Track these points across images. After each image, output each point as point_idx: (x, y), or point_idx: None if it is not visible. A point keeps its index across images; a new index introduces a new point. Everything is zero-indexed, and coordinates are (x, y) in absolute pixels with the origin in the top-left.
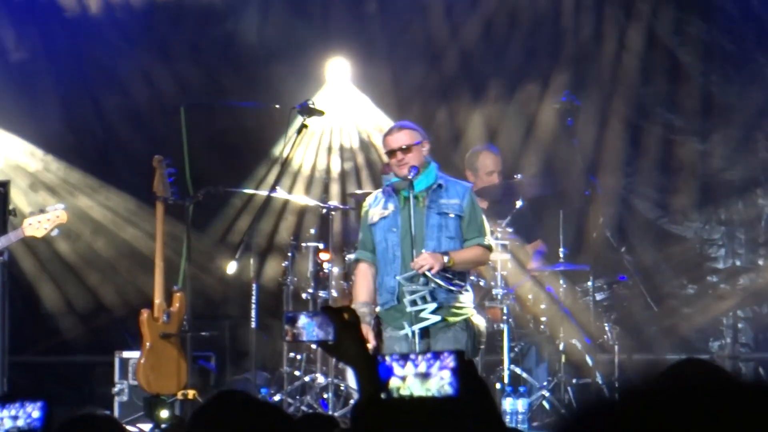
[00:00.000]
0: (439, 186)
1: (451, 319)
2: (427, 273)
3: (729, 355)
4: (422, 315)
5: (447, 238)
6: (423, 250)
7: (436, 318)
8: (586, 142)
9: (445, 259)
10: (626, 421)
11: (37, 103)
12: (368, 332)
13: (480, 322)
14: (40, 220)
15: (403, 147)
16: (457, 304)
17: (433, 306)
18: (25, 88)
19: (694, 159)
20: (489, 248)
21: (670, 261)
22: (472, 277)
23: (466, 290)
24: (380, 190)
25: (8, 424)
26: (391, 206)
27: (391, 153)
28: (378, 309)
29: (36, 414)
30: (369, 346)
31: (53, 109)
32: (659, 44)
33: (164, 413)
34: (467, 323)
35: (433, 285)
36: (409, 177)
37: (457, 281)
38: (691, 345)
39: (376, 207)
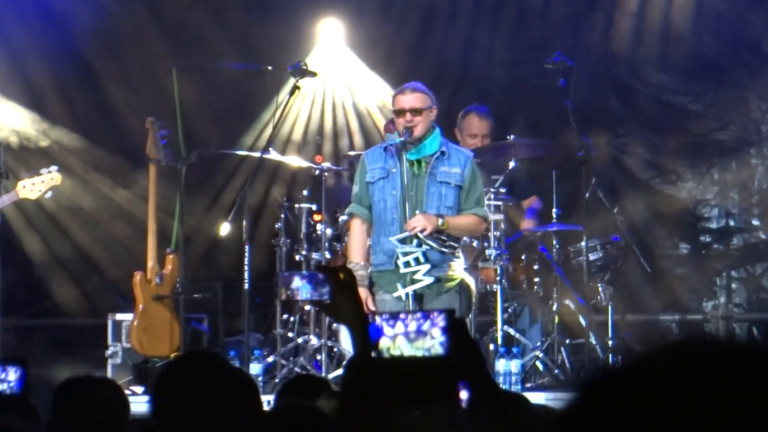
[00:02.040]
0: (442, 153)
1: (447, 284)
2: (420, 234)
3: (722, 315)
4: (416, 276)
5: (445, 207)
6: (417, 212)
7: (430, 279)
8: (579, 103)
9: (440, 221)
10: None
11: (27, 65)
12: (367, 296)
13: (471, 282)
14: (34, 182)
15: (414, 109)
16: (451, 269)
17: (426, 267)
18: (15, 51)
19: (686, 119)
20: (485, 219)
21: (663, 221)
22: (465, 239)
23: (458, 256)
24: (380, 145)
25: None
26: (392, 167)
27: (400, 112)
28: (371, 270)
29: (13, 377)
30: (369, 311)
31: (43, 71)
32: (651, 5)
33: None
34: (461, 285)
35: (426, 246)
36: (402, 138)
37: (450, 243)
38: (685, 305)
39: (375, 164)
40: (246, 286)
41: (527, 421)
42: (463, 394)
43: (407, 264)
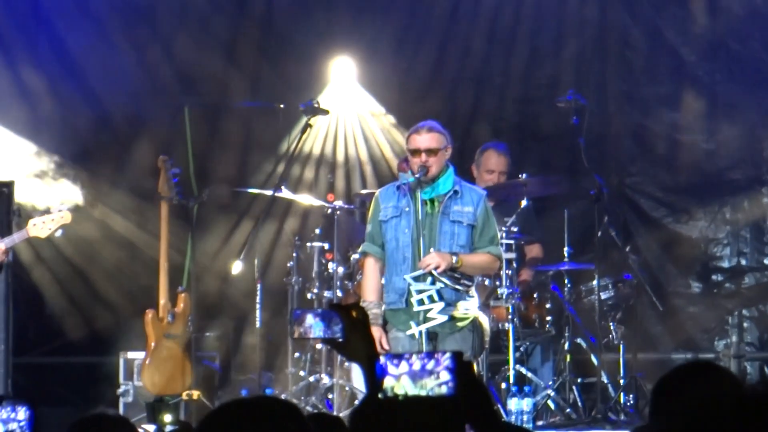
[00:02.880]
0: (455, 192)
1: (459, 324)
2: (434, 272)
3: (734, 354)
4: (429, 315)
5: (458, 246)
6: (432, 249)
7: (444, 317)
8: (591, 141)
9: (454, 259)
10: None
11: (41, 104)
12: (381, 335)
13: (485, 321)
14: (45, 220)
15: (430, 149)
16: (465, 307)
17: (440, 306)
18: (29, 89)
19: (699, 158)
20: (498, 258)
21: (675, 260)
22: (477, 277)
23: (472, 295)
24: (393, 184)
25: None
26: (405, 206)
27: (415, 152)
28: (384, 308)
29: (22, 417)
30: (382, 349)
31: (57, 109)
32: (664, 43)
33: (168, 417)
34: (473, 324)
35: (440, 284)
36: (417, 176)
37: (464, 281)
38: (697, 344)
39: (388, 203)
40: (258, 324)
41: None
42: None
43: (421, 302)
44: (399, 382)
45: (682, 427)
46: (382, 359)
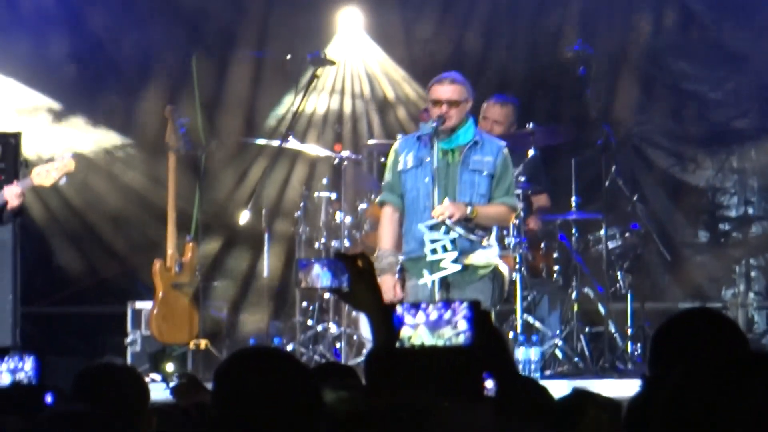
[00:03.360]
0: (475, 143)
1: (479, 272)
2: (447, 221)
3: (741, 303)
4: (442, 264)
5: (478, 195)
6: (446, 199)
7: (457, 267)
8: (599, 91)
9: (468, 209)
10: None
11: (48, 54)
12: (396, 284)
13: (505, 270)
14: (48, 168)
15: (451, 101)
16: (482, 256)
17: (453, 255)
18: (36, 38)
19: (706, 107)
20: (514, 209)
21: (683, 209)
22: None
23: (491, 244)
24: (413, 134)
25: (7, 378)
26: (425, 155)
27: (436, 102)
28: (402, 258)
29: (29, 367)
30: (396, 297)
31: (64, 60)
32: None
33: (170, 366)
34: (494, 272)
35: (454, 234)
36: (433, 125)
37: (478, 231)
38: (704, 293)
39: (408, 153)
40: (265, 273)
41: (551, 410)
42: (488, 384)
43: (434, 251)
44: (416, 332)
45: (681, 377)
46: (399, 309)
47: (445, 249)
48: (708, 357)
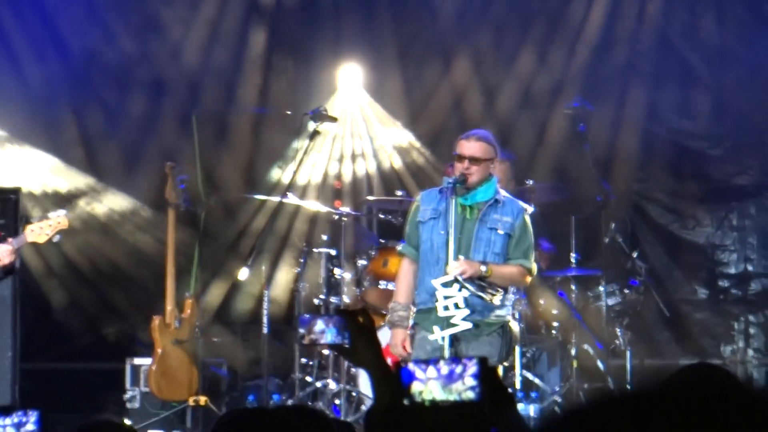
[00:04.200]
0: (496, 201)
1: (488, 327)
2: (459, 278)
3: (741, 360)
4: (453, 320)
5: (493, 254)
6: (461, 256)
7: (467, 325)
8: (599, 148)
9: (483, 268)
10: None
11: (49, 111)
12: (406, 338)
13: (515, 326)
14: (42, 226)
15: (474, 158)
16: (493, 315)
17: (465, 312)
18: (37, 96)
19: (706, 164)
20: (530, 272)
21: (682, 266)
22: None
23: (505, 304)
24: (436, 188)
25: None
26: (443, 209)
27: (460, 158)
28: (414, 309)
29: (32, 422)
30: (404, 352)
31: (64, 116)
32: (671, 49)
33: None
34: (504, 329)
35: (466, 292)
36: (452, 180)
37: (490, 290)
38: (704, 350)
39: (428, 205)
40: (265, 330)
41: None
42: None
43: (446, 308)
44: (427, 387)
45: None
46: (410, 364)
47: (456, 306)
48: (714, 412)
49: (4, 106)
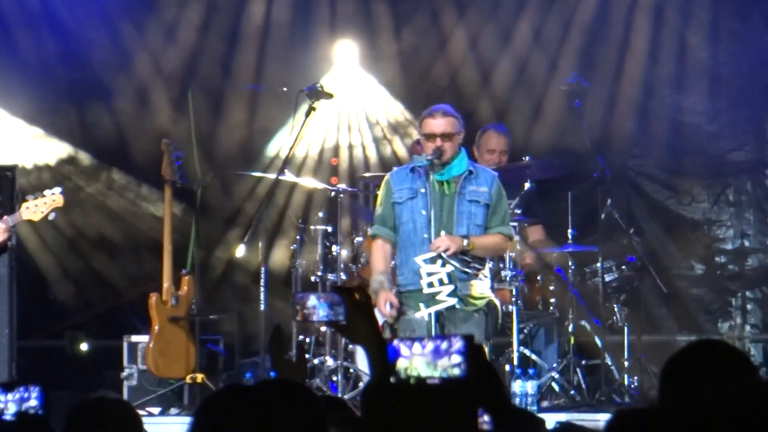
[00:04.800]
0: (470, 173)
1: (474, 302)
2: (443, 255)
3: (738, 336)
4: (438, 297)
5: (475, 226)
6: (443, 232)
7: (452, 300)
8: (594, 124)
9: (465, 242)
10: None
11: (44, 88)
12: (389, 296)
13: (498, 303)
14: (37, 203)
15: (445, 134)
16: (476, 289)
17: (450, 288)
18: (30, 72)
19: (702, 140)
20: (510, 238)
21: (679, 242)
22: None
23: (485, 275)
24: (406, 166)
25: (12, 408)
26: (420, 187)
27: (429, 136)
28: (398, 289)
29: (34, 400)
30: (393, 311)
31: (59, 92)
32: (666, 25)
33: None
34: (488, 306)
35: (450, 267)
36: (430, 158)
37: (474, 264)
38: (700, 326)
39: (402, 185)
40: (262, 307)
41: None
42: (484, 419)
43: (431, 284)
44: (412, 364)
45: (693, 412)
46: (395, 341)
47: (441, 282)
48: (719, 388)
49: (2, 86)
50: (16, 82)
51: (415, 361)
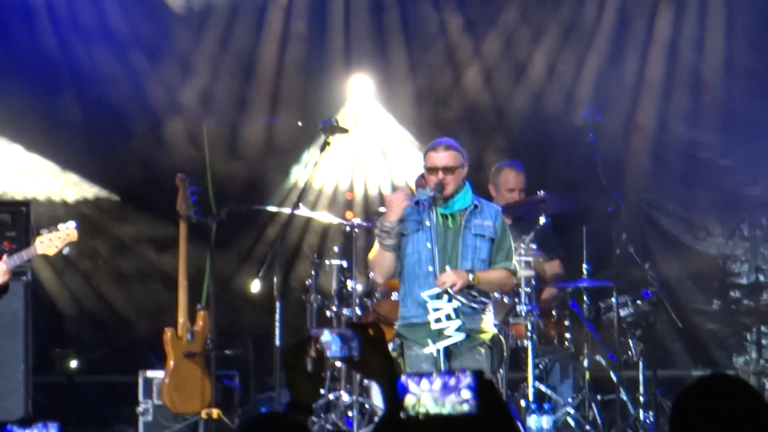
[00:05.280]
0: (475, 207)
1: (479, 336)
2: (450, 290)
3: (753, 370)
4: (446, 332)
5: (479, 260)
6: (448, 267)
7: (460, 336)
8: (609, 158)
9: (470, 277)
10: None
11: (60, 122)
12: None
13: (502, 337)
14: (51, 237)
15: (447, 167)
16: (482, 323)
17: (457, 323)
18: (48, 107)
19: (716, 175)
20: (514, 273)
21: (694, 277)
22: (496, 294)
23: (489, 310)
24: (412, 199)
25: None
26: (425, 220)
27: (432, 170)
28: (400, 323)
29: None
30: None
31: (75, 128)
32: (681, 60)
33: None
34: (493, 340)
35: (457, 303)
36: (432, 193)
37: (481, 299)
38: (716, 361)
39: (408, 217)
40: (277, 342)
41: None
42: None
43: (438, 320)
44: (420, 400)
45: None
46: (403, 378)
47: (448, 317)
48: (730, 423)
49: (17, 120)
50: (32, 117)
51: (424, 397)
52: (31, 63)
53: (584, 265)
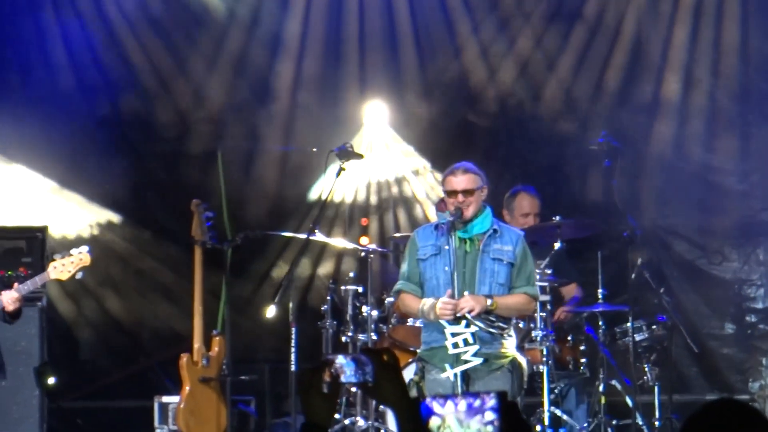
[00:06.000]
0: (494, 231)
1: (497, 362)
2: (468, 315)
3: None
4: (464, 357)
5: (497, 284)
6: (466, 292)
7: (478, 360)
8: (624, 183)
9: (488, 302)
10: None
11: (75, 149)
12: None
13: (523, 361)
14: (65, 263)
15: (466, 190)
16: (502, 347)
17: (474, 348)
18: (62, 134)
19: (732, 199)
20: (535, 298)
21: (709, 302)
22: (512, 319)
23: (510, 335)
24: (431, 224)
25: None
26: (444, 244)
27: (451, 193)
28: (422, 348)
29: None
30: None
31: (91, 155)
32: (696, 84)
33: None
34: (512, 364)
35: (475, 328)
36: (452, 218)
37: (499, 324)
38: (731, 386)
39: (427, 242)
40: (293, 367)
41: None
42: None
43: (455, 345)
44: (445, 423)
45: None
46: (428, 400)
47: (466, 342)
48: None
49: (34, 147)
50: (46, 144)
51: (449, 419)
52: (47, 92)
53: (599, 290)
